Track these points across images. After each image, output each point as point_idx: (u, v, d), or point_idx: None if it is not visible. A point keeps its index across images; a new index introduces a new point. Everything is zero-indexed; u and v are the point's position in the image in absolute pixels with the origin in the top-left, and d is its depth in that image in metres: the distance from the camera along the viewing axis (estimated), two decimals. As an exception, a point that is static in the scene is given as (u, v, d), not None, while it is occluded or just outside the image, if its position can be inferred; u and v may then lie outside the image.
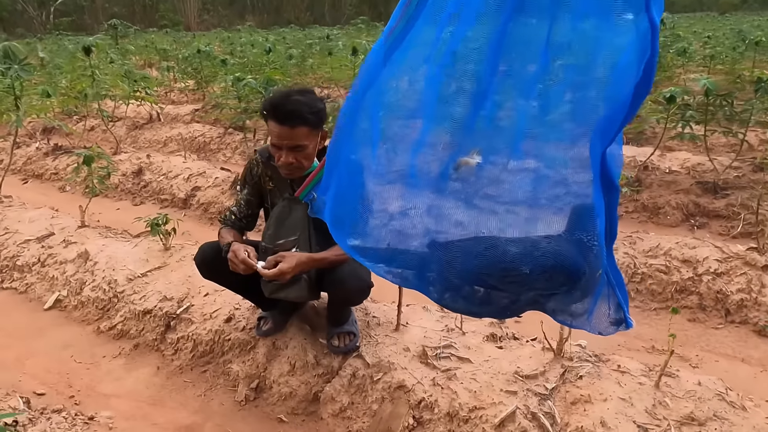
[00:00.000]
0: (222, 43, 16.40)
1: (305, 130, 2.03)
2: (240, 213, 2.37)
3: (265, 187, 2.34)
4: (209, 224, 4.63)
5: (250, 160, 2.36)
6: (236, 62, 7.29)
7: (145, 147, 7.28)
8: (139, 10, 47.00)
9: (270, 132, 2.06)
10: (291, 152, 2.06)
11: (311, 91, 2.10)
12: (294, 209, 2.24)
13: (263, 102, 2.06)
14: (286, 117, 1.98)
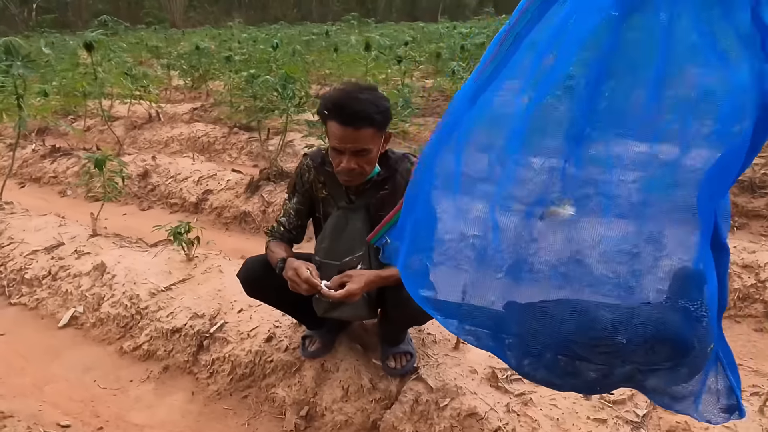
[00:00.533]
0: (213, 40, 16.04)
1: (371, 132, 1.82)
2: (290, 224, 2.15)
3: (317, 195, 2.11)
4: (224, 230, 4.39)
5: (299, 165, 2.13)
6: (240, 59, 7.03)
7: (146, 147, 6.99)
8: (124, 6, 46.20)
9: (330, 134, 1.83)
10: (354, 157, 1.84)
11: (375, 88, 1.88)
12: (351, 219, 2.02)
13: (323, 100, 1.83)
14: (351, 118, 1.76)
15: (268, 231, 2.18)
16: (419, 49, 9.49)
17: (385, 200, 2.02)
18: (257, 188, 4.51)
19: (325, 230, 2.05)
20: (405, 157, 2.03)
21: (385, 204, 2.03)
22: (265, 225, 4.26)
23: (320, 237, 2.07)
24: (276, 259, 2.00)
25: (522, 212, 1.06)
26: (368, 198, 2.02)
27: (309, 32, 15.62)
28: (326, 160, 2.04)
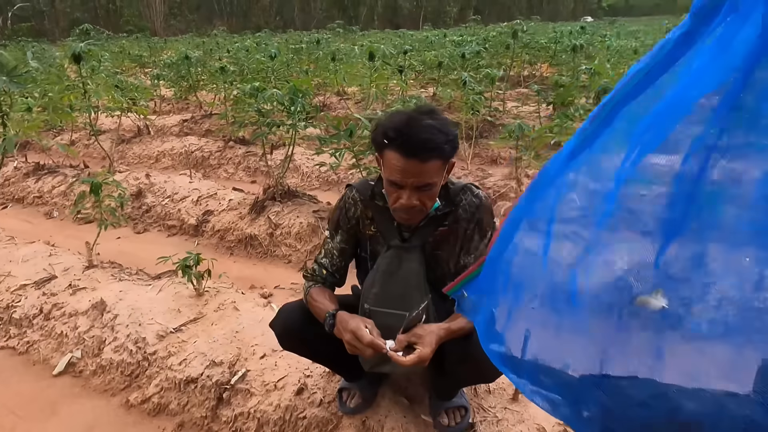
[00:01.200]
0: (198, 48, 15.66)
1: (438, 164, 1.56)
2: (332, 266, 1.87)
3: (364, 232, 1.84)
4: (228, 254, 4.07)
5: (343, 198, 1.85)
6: (235, 69, 6.73)
7: (135, 163, 6.64)
8: (103, 15, 45.47)
9: (387, 166, 1.57)
10: (416, 192, 1.57)
11: (438, 112, 1.61)
12: (405, 260, 1.75)
13: (381, 127, 1.57)
14: (417, 148, 1.49)
15: (307, 273, 1.90)
16: (418, 57, 9.28)
17: (443, 238, 1.76)
18: (263, 209, 4.21)
19: (375, 273, 1.78)
20: (467, 188, 1.77)
21: (444, 242, 1.77)
22: (273, 249, 3.97)
23: (369, 281, 1.79)
24: (321, 311, 1.73)
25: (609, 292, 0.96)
26: (424, 236, 1.76)
27: (296, 40, 15.34)
28: (375, 192, 1.77)
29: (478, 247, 1.76)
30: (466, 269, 1.72)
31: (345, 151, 3.73)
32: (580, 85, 6.07)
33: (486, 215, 1.76)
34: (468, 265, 1.77)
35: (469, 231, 1.76)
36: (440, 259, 1.79)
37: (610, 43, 11.06)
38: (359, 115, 3.77)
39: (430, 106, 1.64)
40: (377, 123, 1.62)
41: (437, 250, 1.78)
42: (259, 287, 3.52)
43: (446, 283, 1.82)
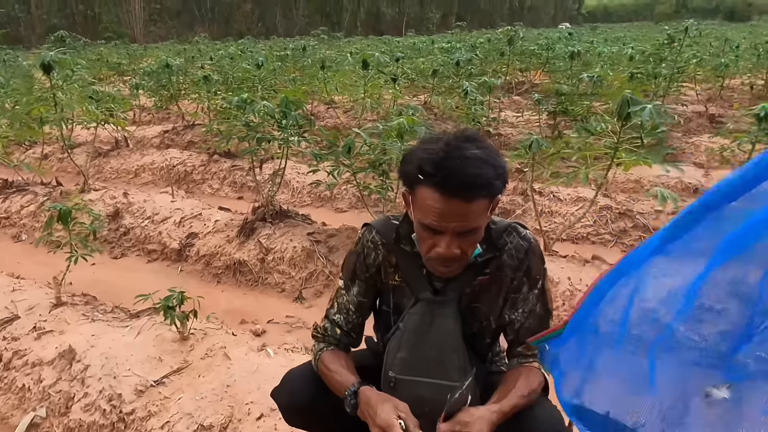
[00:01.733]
0: (179, 55, 15.23)
1: (485, 204, 1.25)
2: (348, 323, 1.54)
3: (386, 282, 1.51)
4: (215, 282, 3.72)
5: (360, 241, 1.53)
6: (218, 78, 6.37)
7: (113, 178, 6.24)
8: (80, 21, 44.58)
9: (422, 206, 1.25)
10: (456, 239, 1.26)
11: (481, 138, 1.30)
12: (437, 317, 1.43)
13: (413, 159, 1.25)
14: (462, 185, 1.18)
15: (317, 333, 1.57)
16: (410, 65, 8.99)
17: (484, 288, 1.45)
18: (252, 231, 3.87)
19: (402, 334, 1.45)
20: (512, 228, 1.45)
21: (484, 293, 1.46)
22: (264, 277, 3.62)
23: (394, 343, 1.47)
24: (339, 384, 1.40)
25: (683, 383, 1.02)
26: (461, 286, 1.44)
27: (281, 47, 14.99)
28: (401, 234, 1.45)
29: (527, 299, 1.45)
30: (512, 326, 1.43)
31: (343, 170, 3.40)
32: (581, 93, 5.84)
33: (536, 261, 1.45)
34: (514, 321, 1.46)
35: (516, 281, 1.45)
36: (478, 312, 1.48)
37: (601, 50, 10.89)
38: (359, 130, 3.45)
39: (472, 130, 1.32)
40: (408, 153, 1.30)
41: (475, 302, 1.47)
42: (250, 322, 3.17)
43: (484, 341, 1.52)
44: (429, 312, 1.44)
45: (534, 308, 1.45)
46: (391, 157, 3.39)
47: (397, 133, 3.38)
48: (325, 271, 3.53)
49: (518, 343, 1.47)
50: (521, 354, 1.46)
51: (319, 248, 3.64)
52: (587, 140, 3.05)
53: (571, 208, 4.37)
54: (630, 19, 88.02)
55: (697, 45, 9.83)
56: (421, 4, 72.20)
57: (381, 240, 1.49)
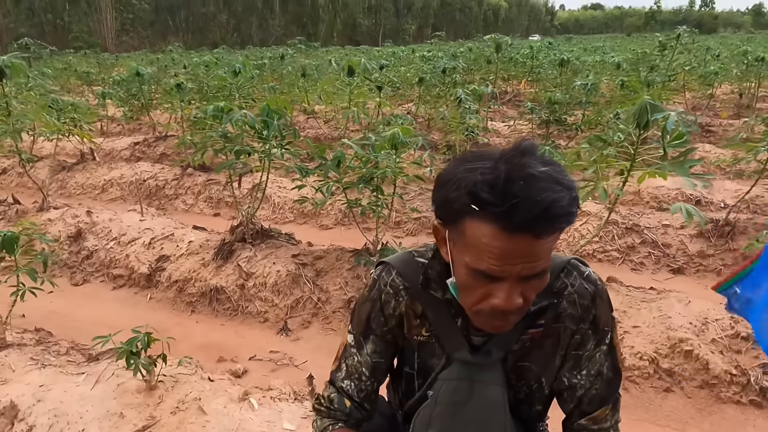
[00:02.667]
0: (152, 65, 14.74)
1: (556, 239, 0.92)
2: (360, 392, 1.19)
3: (410, 337, 1.17)
4: (189, 311, 3.32)
5: (376, 285, 1.18)
6: (192, 87, 5.97)
7: (78, 194, 5.79)
8: (50, 30, 43.52)
9: (475, 246, 0.91)
10: (520, 285, 0.93)
11: (537, 150, 0.96)
12: (479, 383, 1.10)
13: (459, 181, 0.91)
14: (537, 218, 0.85)
15: (320, 405, 1.21)
16: (395, 73, 8.70)
17: (536, 343, 1.12)
18: (230, 253, 3.49)
19: (434, 406, 1.11)
20: (572, 267, 1.13)
21: (536, 349, 1.13)
22: (245, 305, 3.24)
23: (422, 416, 1.13)
24: None
25: None
26: (508, 342, 1.11)
27: (257, 56, 14.61)
28: (430, 277, 1.11)
29: (593, 357, 1.12)
30: (572, 391, 1.13)
31: (332, 186, 3.06)
32: (577, 102, 5.61)
33: (604, 310, 1.12)
34: (576, 386, 1.13)
35: (579, 335, 1.11)
36: (528, 374, 1.15)
37: (584, 59, 10.78)
38: (350, 141, 3.11)
39: (530, 141, 0.98)
40: (448, 173, 0.95)
41: (524, 361, 1.14)
42: (229, 359, 2.79)
43: (532, 409, 1.19)
44: (467, 377, 1.10)
45: (602, 369, 1.12)
46: (385, 171, 3.06)
47: (392, 144, 3.06)
48: (313, 298, 3.17)
49: (580, 413, 1.13)
50: (586, 429, 1.13)
51: (306, 272, 3.28)
52: (603, 152, 2.76)
53: (575, 224, 4.08)
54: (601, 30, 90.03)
55: (688, 52, 9.75)
56: (398, 15, 72.62)
57: (403, 284, 1.15)
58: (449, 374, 1.11)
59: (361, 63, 5.07)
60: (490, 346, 1.10)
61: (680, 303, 2.73)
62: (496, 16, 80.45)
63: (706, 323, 2.61)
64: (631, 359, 2.54)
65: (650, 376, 2.50)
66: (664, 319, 2.65)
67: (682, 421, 2.32)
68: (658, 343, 2.56)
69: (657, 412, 2.37)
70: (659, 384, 2.47)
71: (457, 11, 79.40)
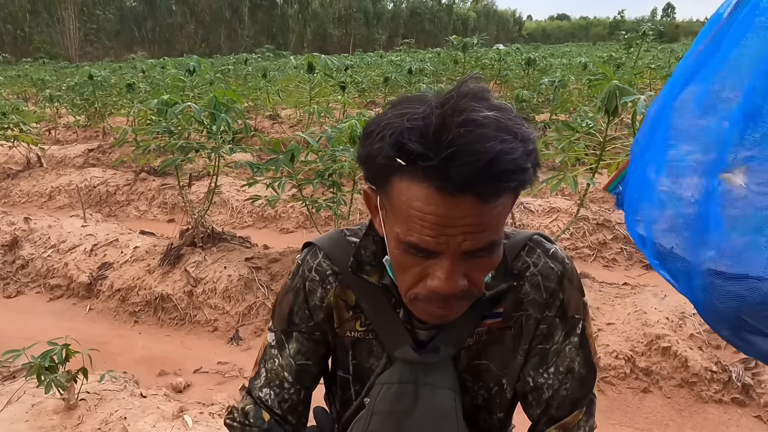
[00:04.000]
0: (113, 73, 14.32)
1: (509, 204, 0.73)
2: (283, 403, 0.96)
3: (342, 333, 0.96)
4: (132, 322, 3.05)
5: (300, 271, 0.96)
6: (145, 88, 5.69)
7: (23, 203, 5.44)
8: (9, 41, 42.34)
9: (406, 211, 0.71)
10: (464, 263, 0.73)
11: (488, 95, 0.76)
12: (426, 386, 0.89)
13: (387, 131, 0.70)
14: (480, 173, 0.65)
15: (232, 421, 0.99)
16: (360, 74, 8.53)
17: (493, 338, 0.92)
18: (178, 258, 3.23)
19: (370, 416, 0.91)
20: (535, 243, 0.93)
21: (493, 345, 0.93)
22: (193, 313, 2.99)
23: (357, 429, 0.92)
24: None
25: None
26: (460, 336, 0.90)
27: (223, 62, 14.32)
28: (363, 258, 0.91)
29: (561, 352, 0.92)
30: (538, 393, 0.94)
31: (285, 181, 2.84)
32: (545, 99, 5.51)
33: (573, 294, 0.92)
34: (543, 386, 0.92)
35: (545, 324, 0.92)
36: (486, 375, 0.95)
37: (551, 61, 10.82)
38: (304, 134, 2.90)
39: (480, 84, 0.78)
40: (373, 123, 0.75)
41: (481, 358, 0.94)
42: (172, 373, 2.54)
43: (493, 417, 1.02)
44: (411, 380, 0.89)
45: (572, 365, 0.92)
46: (343, 165, 2.86)
47: (350, 138, 2.86)
48: (267, 304, 2.94)
49: (549, 420, 0.93)
50: None
51: (260, 276, 3.05)
52: (571, 139, 2.60)
53: (544, 221, 3.94)
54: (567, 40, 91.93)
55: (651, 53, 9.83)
56: (368, 25, 72.92)
57: (332, 268, 0.94)
58: (389, 377, 0.90)
59: (322, 59, 4.88)
60: (438, 341, 0.90)
61: (656, 297, 2.58)
62: (465, 26, 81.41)
63: (683, 318, 2.46)
64: (607, 358, 2.37)
65: (627, 376, 2.33)
66: (639, 315, 2.49)
67: (662, 423, 2.15)
68: (635, 340, 2.40)
69: (635, 415, 2.20)
70: (637, 384, 2.30)
71: (427, 21, 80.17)
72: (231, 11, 57.54)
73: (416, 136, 0.66)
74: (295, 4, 64.63)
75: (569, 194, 4.59)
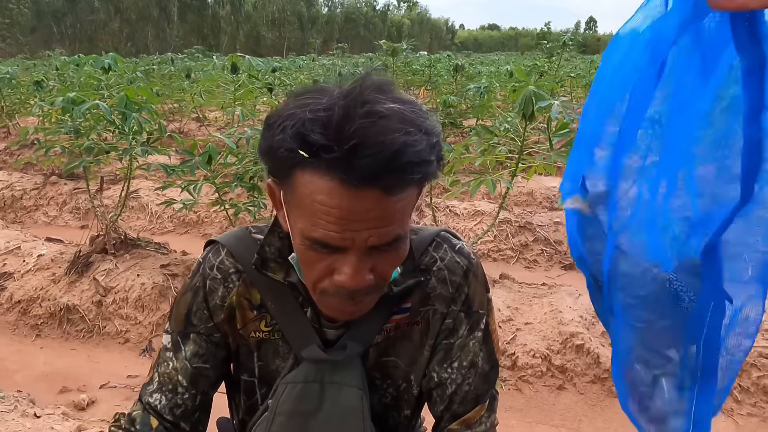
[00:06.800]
0: (27, 71, 13.43)
1: (414, 196, 0.73)
2: (176, 409, 0.90)
3: (246, 335, 0.91)
4: (33, 336, 2.83)
5: (200, 269, 0.91)
6: (57, 85, 5.35)
7: None
8: None
9: (309, 205, 0.68)
10: (370, 257, 0.72)
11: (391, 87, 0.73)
12: (332, 386, 0.87)
13: (288, 124, 0.66)
14: (383, 166, 0.64)
15: (117, 428, 0.91)
16: (289, 76, 8.39)
17: (401, 334, 0.91)
18: (87, 266, 3.04)
19: (272, 420, 0.87)
20: (442, 238, 0.93)
21: (401, 342, 0.92)
22: (102, 325, 2.81)
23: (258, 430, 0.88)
24: None
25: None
26: (368, 333, 0.89)
27: (148, 62, 13.75)
28: (267, 255, 0.87)
29: (465, 347, 0.91)
30: (441, 389, 0.92)
31: (202, 184, 2.73)
32: (472, 105, 5.63)
33: (477, 288, 0.92)
34: (446, 382, 0.91)
35: (450, 318, 0.91)
36: (394, 371, 0.93)
37: (479, 69, 11.11)
38: (221, 135, 2.80)
39: (384, 77, 0.75)
40: (274, 115, 0.70)
41: (389, 355, 0.92)
42: (75, 389, 2.37)
43: (401, 415, 0.98)
44: (317, 379, 0.87)
45: (476, 360, 0.91)
46: (264, 168, 2.78)
47: (270, 139, 2.78)
48: (184, 313, 2.80)
49: (452, 416, 0.92)
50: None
51: (176, 283, 2.91)
52: (490, 142, 2.65)
53: (469, 223, 4.00)
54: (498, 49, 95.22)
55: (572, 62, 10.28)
56: (302, 29, 72.47)
57: (235, 266, 0.89)
58: (294, 377, 0.87)
59: (246, 59, 4.75)
60: (346, 339, 0.87)
61: (571, 297, 2.66)
62: (399, 33, 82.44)
63: (596, 316, 2.55)
64: (525, 357, 2.42)
65: (543, 374, 2.39)
66: (555, 314, 2.56)
67: (575, 419, 2.22)
68: (551, 339, 2.46)
69: (551, 412, 2.25)
70: (552, 382, 2.36)
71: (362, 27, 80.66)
72: (159, 9, 55.53)
73: (319, 127, 0.64)
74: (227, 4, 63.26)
75: (495, 198, 4.69)
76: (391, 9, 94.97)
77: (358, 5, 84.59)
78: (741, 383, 2.24)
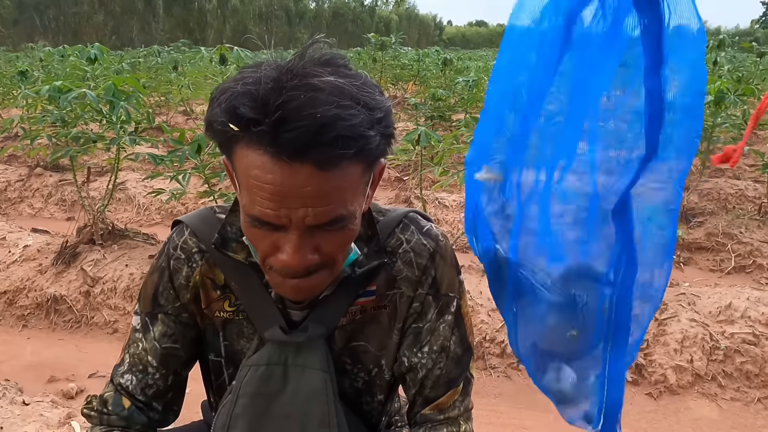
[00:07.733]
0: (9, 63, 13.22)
1: (357, 173, 0.71)
2: (147, 389, 0.90)
3: (212, 315, 0.91)
4: (20, 326, 2.81)
5: (165, 250, 0.91)
6: (42, 76, 5.28)
7: None
8: None
9: (246, 180, 0.69)
10: (312, 236, 0.72)
11: (347, 63, 0.73)
12: (296, 368, 0.87)
13: (223, 98, 0.66)
14: (313, 139, 0.63)
15: (89, 410, 0.92)
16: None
17: (368, 317, 0.92)
18: (74, 257, 3.01)
19: (235, 400, 0.87)
20: (410, 221, 0.93)
21: (369, 325, 0.92)
22: (90, 315, 2.80)
23: (223, 414, 0.88)
24: None
25: None
26: (333, 316, 0.89)
27: (133, 56, 13.61)
28: (229, 235, 0.87)
29: (435, 330, 0.92)
30: (413, 373, 0.93)
31: (191, 174, 2.72)
32: (461, 98, 5.64)
33: (446, 271, 0.93)
34: (417, 366, 0.92)
35: (418, 302, 0.92)
36: (364, 355, 0.94)
37: (468, 64, 11.13)
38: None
39: (331, 52, 0.75)
40: (219, 90, 0.70)
41: (358, 339, 0.93)
42: (64, 379, 2.36)
43: (374, 401, 0.99)
44: (281, 361, 0.87)
45: (447, 344, 0.92)
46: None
47: (260, 129, 2.78)
48: (173, 303, 2.79)
49: (424, 401, 0.93)
50: (431, 420, 0.92)
51: (165, 274, 2.90)
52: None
53: (458, 215, 4.03)
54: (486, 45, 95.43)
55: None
56: (290, 23, 71.91)
57: (199, 246, 0.89)
58: (258, 359, 0.87)
59: (234, 51, 4.73)
60: (310, 320, 0.87)
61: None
62: (388, 28, 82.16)
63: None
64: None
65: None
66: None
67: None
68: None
69: (540, 398, 2.27)
70: (541, 369, 2.39)
71: (350, 22, 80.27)
72: (144, 2, 54.85)
73: (248, 100, 0.64)
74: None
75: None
76: (379, 5, 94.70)
77: (346, 0, 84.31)
78: (725, 369, 2.29)
